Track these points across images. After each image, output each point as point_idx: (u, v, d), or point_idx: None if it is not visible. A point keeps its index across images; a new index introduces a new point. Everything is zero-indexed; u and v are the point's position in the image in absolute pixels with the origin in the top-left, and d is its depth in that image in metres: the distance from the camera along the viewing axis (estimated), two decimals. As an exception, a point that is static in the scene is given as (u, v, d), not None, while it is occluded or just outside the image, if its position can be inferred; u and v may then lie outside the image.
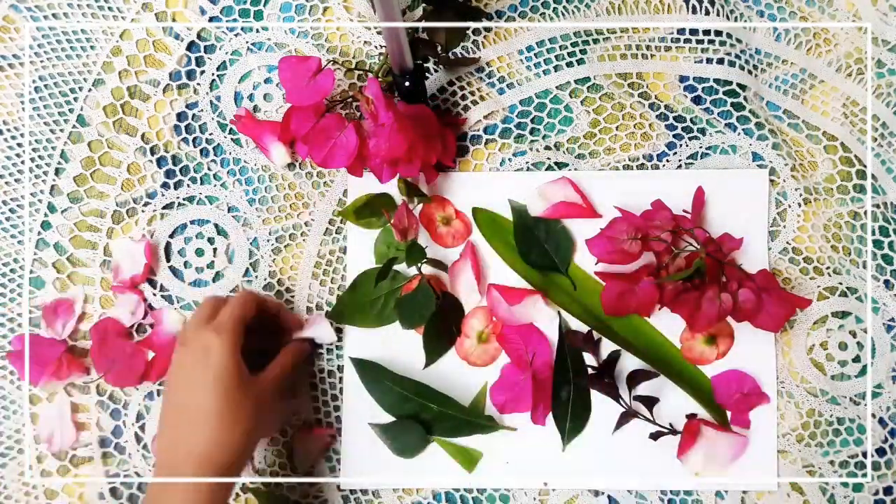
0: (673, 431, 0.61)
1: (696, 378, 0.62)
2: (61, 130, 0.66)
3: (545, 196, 0.63)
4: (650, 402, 0.61)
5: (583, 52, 0.65)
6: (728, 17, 0.64)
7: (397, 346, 0.63)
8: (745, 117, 0.64)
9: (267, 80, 0.66)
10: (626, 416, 0.61)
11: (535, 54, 0.65)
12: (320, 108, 0.59)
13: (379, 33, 0.64)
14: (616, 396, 0.61)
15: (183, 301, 0.65)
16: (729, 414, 0.62)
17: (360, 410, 0.63)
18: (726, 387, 0.62)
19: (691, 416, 0.61)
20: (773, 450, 0.61)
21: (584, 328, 0.62)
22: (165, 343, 0.63)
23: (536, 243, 0.63)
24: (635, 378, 0.61)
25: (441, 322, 0.62)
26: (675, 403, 0.62)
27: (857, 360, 0.63)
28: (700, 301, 0.56)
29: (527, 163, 0.64)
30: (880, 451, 0.62)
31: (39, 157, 0.66)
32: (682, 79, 0.64)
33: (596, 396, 0.62)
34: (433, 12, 0.63)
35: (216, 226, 0.66)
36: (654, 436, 0.61)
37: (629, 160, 0.64)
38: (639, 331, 0.63)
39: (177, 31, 0.66)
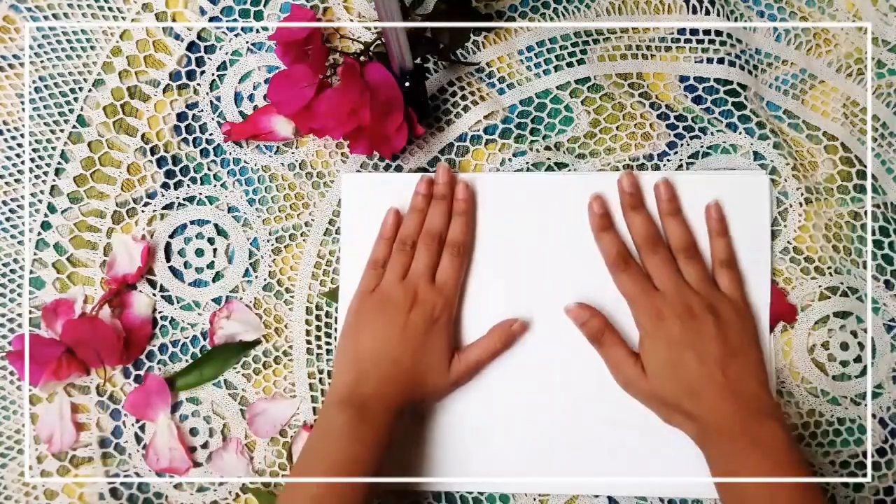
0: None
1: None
2: (61, 130, 0.66)
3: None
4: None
5: (583, 52, 0.65)
6: (728, 17, 0.64)
7: None
8: (745, 116, 0.64)
9: (267, 81, 0.66)
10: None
11: (535, 54, 0.65)
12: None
13: (379, 33, 0.64)
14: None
15: (183, 301, 0.65)
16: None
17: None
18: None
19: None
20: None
21: None
22: (138, 323, 0.64)
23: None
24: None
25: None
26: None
27: (858, 360, 0.62)
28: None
29: (527, 163, 0.64)
30: (881, 452, 0.62)
31: (39, 157, 0.66)
32: (683, 79, 0.64)
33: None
34: (444, 11, 0.63)
35: (216, 226, 0.65)
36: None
37: (629, 160, 0.64)
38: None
39: (177, 32, 0.66)
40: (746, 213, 0.62)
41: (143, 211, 0.65)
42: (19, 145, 0.66)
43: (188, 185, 0.66)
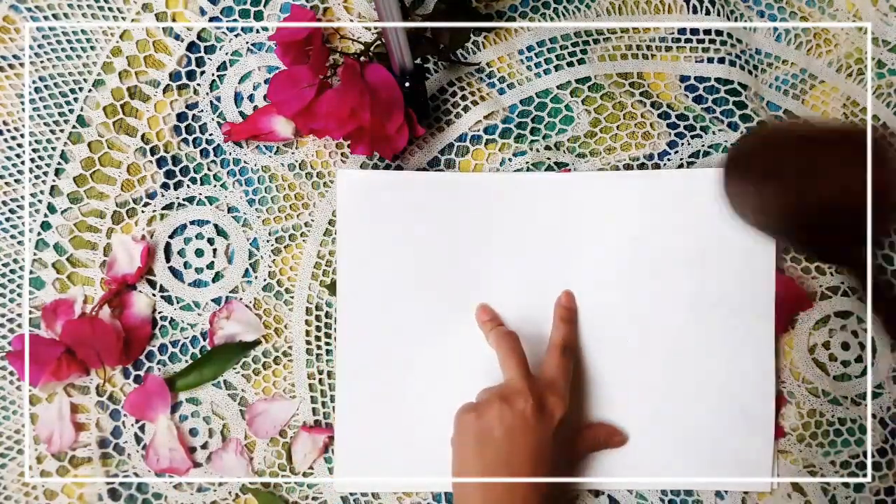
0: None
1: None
2: (61, 131, 0.66)
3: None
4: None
5: (583, 52, 0.65)
6: (728, 17, 0.64)
7: None
8: (747, 116, 0.64)
9: (267, 81, 0.66)
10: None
11: (535, 54, 0.65)
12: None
13: (379, 33, 0.64)
14: None
15: (182, 301, 0.65)
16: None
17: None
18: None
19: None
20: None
21: None
22: (138, 323, 0.64)
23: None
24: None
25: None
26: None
27: (859, 360, 0.62)
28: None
29: (527, 163, 0.64)
30: (881, 452, 0.62)
31: (39, 157, 0.66)
32: (684, 78, 0.64)
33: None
34: (444, 11, 0.63)
35: (216, 226, 0.65)
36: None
37: (630, 159, 0.64)
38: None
39: (177, 32, 0.66)
40: None
41: (142, 211, 0.65)
42: (19, 145, 0.66)
43: (188, 186, 0.66)
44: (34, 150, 0.66)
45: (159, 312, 0.65)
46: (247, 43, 0.66)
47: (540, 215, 0.63)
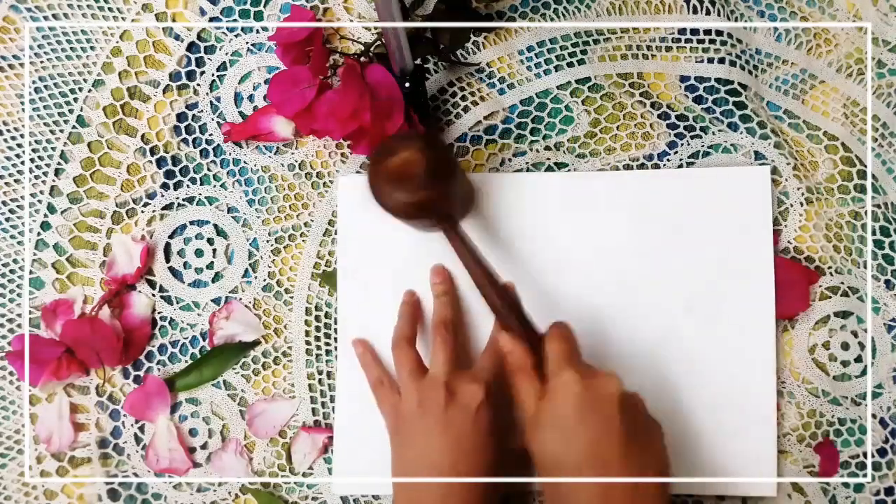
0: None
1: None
2: (61, 131, 0.66)
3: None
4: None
5: (583, 52, 0.65)
6: (728, 17, 0.64)
7: None
8: (746, 116, 0.63)
9: (267, 81, 0.66)
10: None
11: (535, 54, 0.65)
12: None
13: (379, 34, 0.64)
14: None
15: (182, 302, 0.65)
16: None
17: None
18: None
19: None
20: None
21: None
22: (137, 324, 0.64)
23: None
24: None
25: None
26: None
27: (859, 360, 0.62)
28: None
29: (527, 163, 0.64)
30: (881, 452, 0.62)
31: (39, 157, 0.66)
32: (684, 78, 0.64)
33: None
34: (444, 12, 0.63)
35: (216, 226, 0.65)
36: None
37: (630, 160, 0.64)
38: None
39: (177, 32, 0.66)
40: (748, 208, 0.62)
41: (142, 211, 0.65)
42: (19, 145, 0.66)
43: (188, 186, 0.66)
44: (34, 150, 0.66)
45: (159, 313, 0.65)
46: (247, 43, 0.66)
47: (540, 215, 0.63)
